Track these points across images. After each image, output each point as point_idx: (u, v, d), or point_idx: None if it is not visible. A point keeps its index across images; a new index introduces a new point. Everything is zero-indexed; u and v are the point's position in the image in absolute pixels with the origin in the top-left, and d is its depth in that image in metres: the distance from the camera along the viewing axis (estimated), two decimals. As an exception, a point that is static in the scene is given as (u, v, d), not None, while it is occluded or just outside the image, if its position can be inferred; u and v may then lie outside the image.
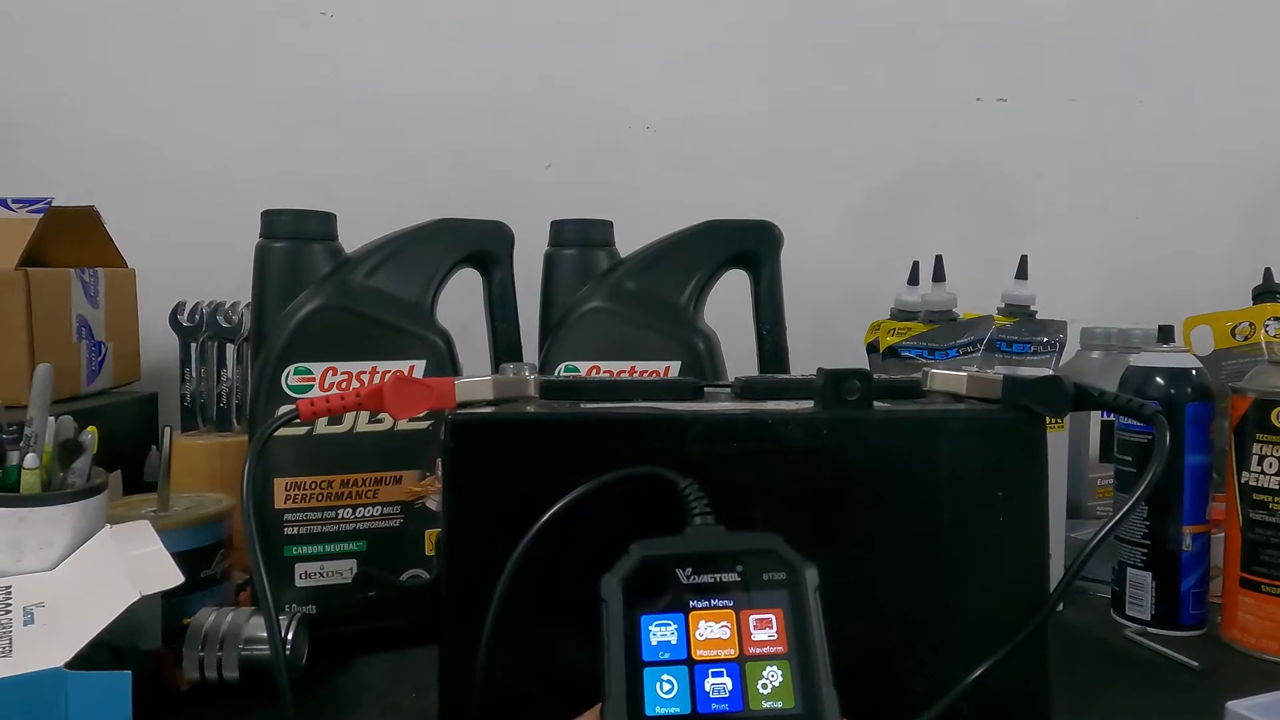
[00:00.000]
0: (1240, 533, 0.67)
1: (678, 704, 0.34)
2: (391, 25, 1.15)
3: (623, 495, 0.42)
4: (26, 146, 1.09)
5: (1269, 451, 0.66)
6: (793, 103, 1.23)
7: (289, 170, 1.12)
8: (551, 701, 0.38)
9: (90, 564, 0.55)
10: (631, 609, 0.36)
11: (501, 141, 1.16)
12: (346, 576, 0.66)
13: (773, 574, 0.37)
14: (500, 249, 0.73)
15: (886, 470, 0.45)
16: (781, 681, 0.35)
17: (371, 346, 0.67)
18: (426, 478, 0.68)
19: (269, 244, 0.67)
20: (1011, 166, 1.28)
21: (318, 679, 0.60)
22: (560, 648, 0.42)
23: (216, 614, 0.59)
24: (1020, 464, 0.46)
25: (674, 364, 0.74)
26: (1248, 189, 1.32)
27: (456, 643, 0.43)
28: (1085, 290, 1.25)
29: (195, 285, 0.95)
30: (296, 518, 0.65)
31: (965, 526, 0.45)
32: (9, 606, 0.51)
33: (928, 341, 0.90)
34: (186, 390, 0.91)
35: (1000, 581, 0.45)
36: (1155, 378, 0.70)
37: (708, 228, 0.78)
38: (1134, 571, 0.71)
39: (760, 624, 0.36)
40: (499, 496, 0.43)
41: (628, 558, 0.37)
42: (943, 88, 1.26)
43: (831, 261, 1.21)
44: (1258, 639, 0.66)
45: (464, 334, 0.71)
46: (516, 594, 0.41)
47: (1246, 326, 0.95)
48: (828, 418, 0.45)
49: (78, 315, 0.88)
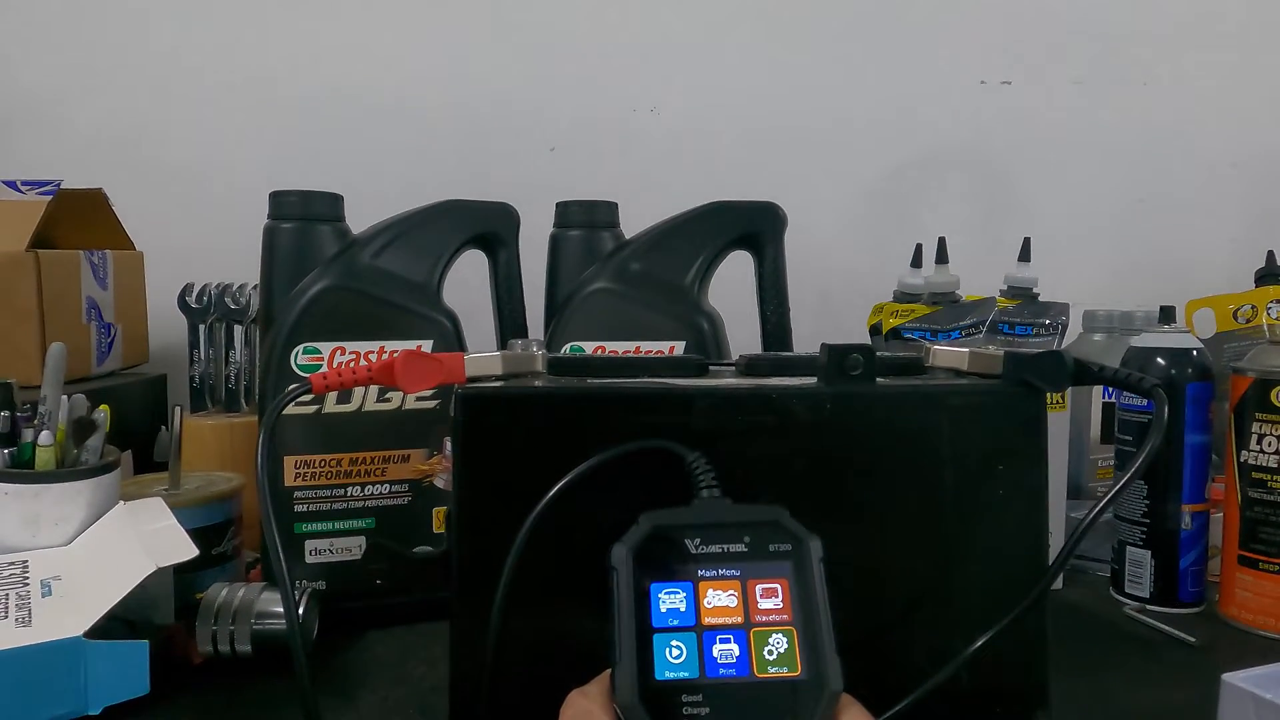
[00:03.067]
0: (1239, 510, 0.68)
1: (686, 669, 0.35)
2: (398, 8, 1.15)
3: (630, 468, 0.42)
4: (35, 130, 1.10)
5: (1268, 430, 0.66)
6: (797, 84, 1.23)
7: (296, 152, 1.12)
8: (561, 673, 0.38)
9: (105, 538, 0.56)
10: (641, 577, 0.36)
11: (507, 124, 1.17)
12: (356, 553, 0.67)
13: (778, 545, 0.38)
14: (506, 230, 0.73)
15: (889, 444, 0.46)
16: (786, 648, 0.36)
17: (379, 326, 0.67)
18: (434, 456, 0.69)
19: (277, 225, 0.68)
20: (1015, 149, 1.28)
21: (328, 652, 0.61)
22: (570, 620, 0.43)
23: (229, 589, 0.60)
24: (1021, 438, 0.46)
25: (678, 344, 0.74)
26: (1251, 172, 1.32)
27: (467, 615, 0.44)
28: (1088, 273, 1.25)
29: (203, 267, 0.96)
30: (306, 495, 0.66)
31: (966, 500, 0.46)
32: (27, 579, 0.52)
33: (930, 323, 0.90)
34: (195, 371, 0.91)
35: (1000, 554, 0.46)
36: (1156, 358, 0.71)
37: (712, 209, 0.78)
38: (1133, 550, 0.72)
39: (766, 593, 0.37)
40: (508, 470, 0.44)
41: (638, 528, 0.37)
42: (947, 71, 1.25)
43: (835, 243, 1.22)
44: (1255, 615, 0.67)
45: (470, 315, 0.72)
46: (526, 566, 0.41)
47: (1249, 309, 0.96)
48: (831, 392, 0.45)
49: (87, 297, 0.89)
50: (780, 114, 1.22)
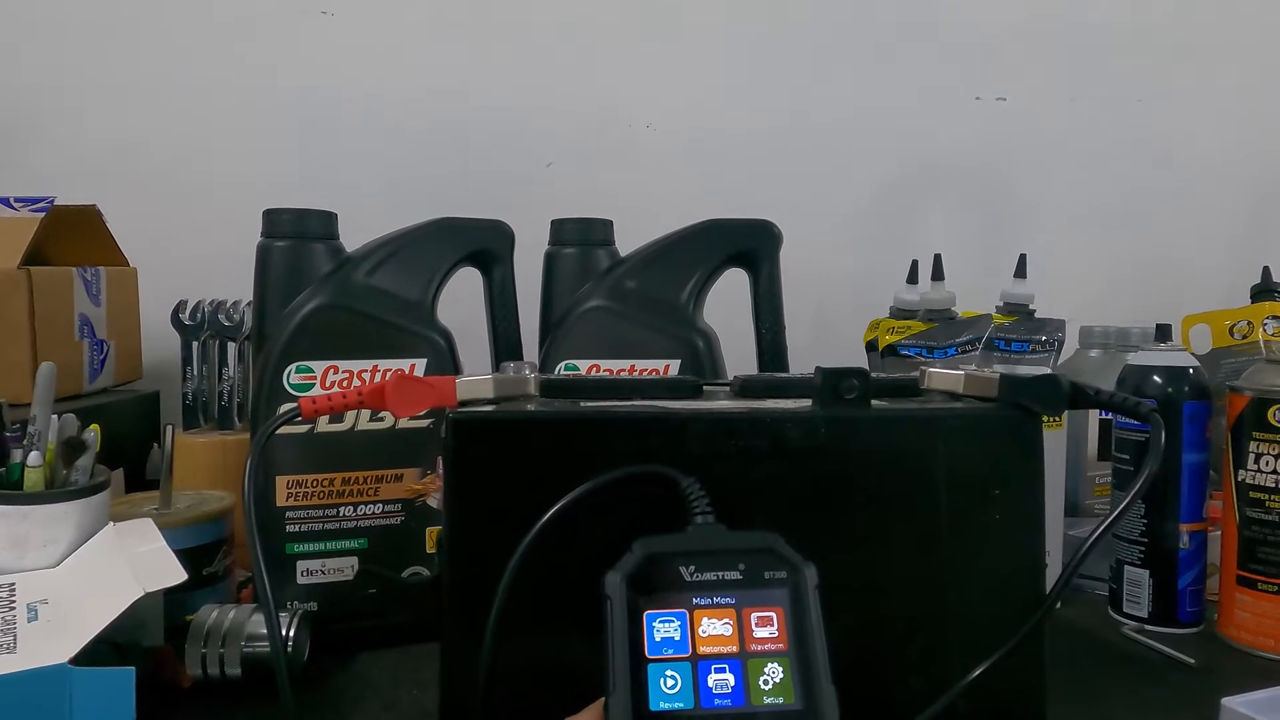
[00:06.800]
0: (1237, 530, 0.68)
1: (681, 699, 0.35)
2: (392, 24, 1.15)
3: (624, 493, 0.42)
4: (29, 147, 1.09)
5: (1265, 450, 0.66)
6: (792, 101, 1.23)
7: (290, 169, 1.12)
8: (552, 698, 0.38)
9: (93, 561, 0.55)
10: (635, 605, 0.36)
11: (502, 140, 1.17)
12: (348, 574, 0.66)
13: (773, 572, 0.37)
14: (500, 248, 0.73)
15: (884, 468, 0.45)
16: (782, 678, 0.35)
17: (373, 345, 0.67)
18: (427, 476, 0.68)
19: (270, 243, 0.67)
20: (1011, 166, 1.28)
21: (320, 675, 0.61)
22: (561, 645, 0.42)
23: (219, 611, 0.59)
24: (1017, 462, 0.46)
25: (674, 363, 0.74)
26: (1246, 188, 1.33)
27: (458, 639, 0.43)
28: (1084, 289, 1.25)
29: (197, 284, 0.95)
30: (298, 515, 0.65)
31: (962, 525, 0.45)
32: (13, 603, 0.51)
33: (926, 340, 0.90)
34: (188, 389, 0.91)
35: (997, 579, 0.46)
36: (1153, 376, 0.70)
37: (707, 227, 0.78)
38: (1131, 569, 0.71)
39: (761, 621, 0.36)
40: (500, 494, 0.43)
41: (631, 555, 0.37)
42: (942, 86, 1.26)
43: (831, 260, 1.22)
44: (1254, 636, 0.67)
45: (465, 333, 0.72)
46: (518, 592, 0.41)
47: (1245, 325, 0.95)
48: (825, 416, 0.45)
49: (80, 314, 0.88)
50: (776, 130, 1.23)
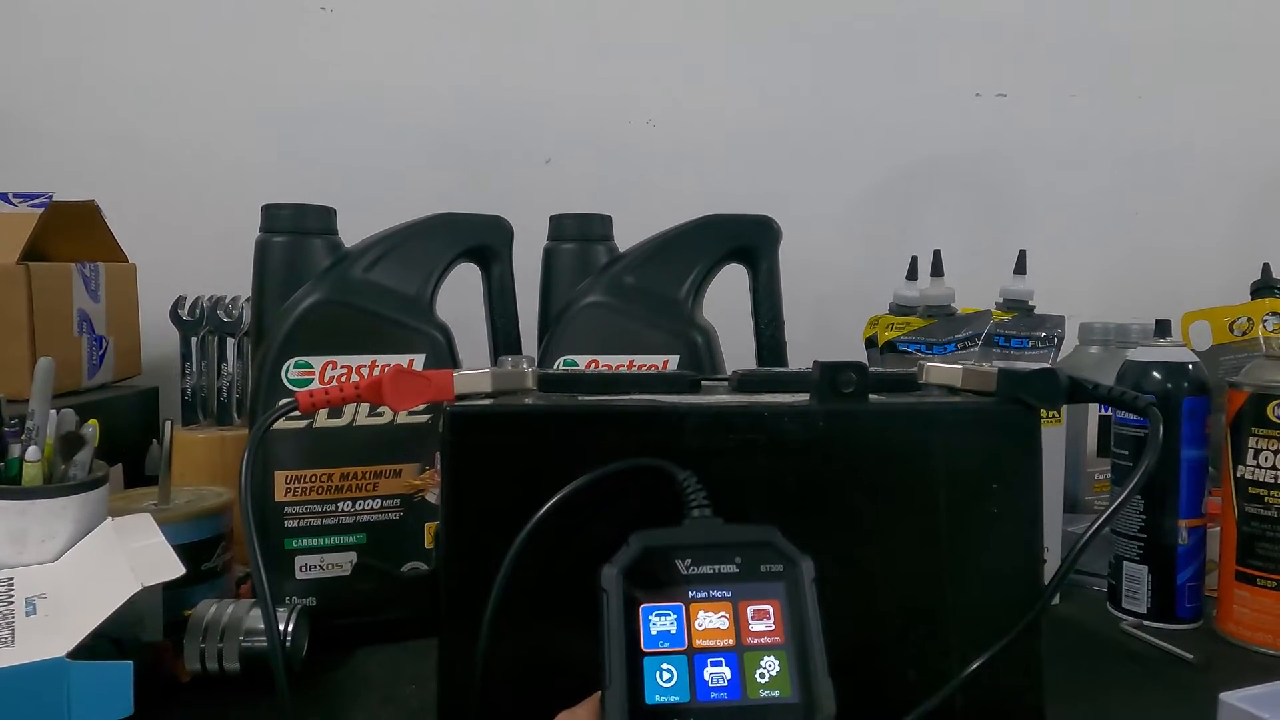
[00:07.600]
0: (1236, 526, 0.68)
1: (677, 693, 0.35)
2: (391, 20, 1.15)
3: (621, 487, 0.42)
4: (28, 142, 1.09)
5: (1264, 445, 0.66)
6: (792, 97, 1.23)
7: (289, 165, 1.12)
8: (550, 692, 0.38)
9: (92, 556, 0.55)
10: (632, 599, 0.36)
11: (501, 136, 1.17)
12: (346, 569, 0.66)
13: (770, 566, 0.37)
14: (499, 244, 0.73)
15: (882, 463, 0.45)
16: (779, 671, 0.35)
17: (371, 340, 0.67)
18: (426, 471, 0.68)
19: (269, 238, 0.67)
20: (1010, 162, 1.28)
21: (318, 670, 0.61)
22: (559, 639, 0.42)
23: (217, 606, 0.59)
24: (1015, 456, 0.46)
25: (672, 358, 0.74)
26: (1246, 184, 1.32)
27: (456, 634, 0.43)
28: (1084, 285, 1.25)
29: (196, 280, 0.95)
30: (296, 510, 0.65)
31: (960, 519, 0.45)
32: (11, 598, 0.51)
33: (926, 336, 0.90)
34: (187, 384, 0.91)
35: (995, 574, 0.46)
36: (1152, 372, 0.70)
37: (706, 222, 0.78)
38: (1130, 565, 0.71)
39: (758, 614, 0.36)
40: (497, 488, 0.43)
41: (628, 548, 0.37)
42: (942, 83, 1.26)
43: (830, 256, 1.22)
44: (1252, 631, 0.67)
45: (463, 329, 0.72)
46: (515, 585, 0.41)
47: (1244, 321, 0.95)
48: (823, 410, 0.45)
49: (79, 310, 0.88)
50: (776, 126, 1.22)
